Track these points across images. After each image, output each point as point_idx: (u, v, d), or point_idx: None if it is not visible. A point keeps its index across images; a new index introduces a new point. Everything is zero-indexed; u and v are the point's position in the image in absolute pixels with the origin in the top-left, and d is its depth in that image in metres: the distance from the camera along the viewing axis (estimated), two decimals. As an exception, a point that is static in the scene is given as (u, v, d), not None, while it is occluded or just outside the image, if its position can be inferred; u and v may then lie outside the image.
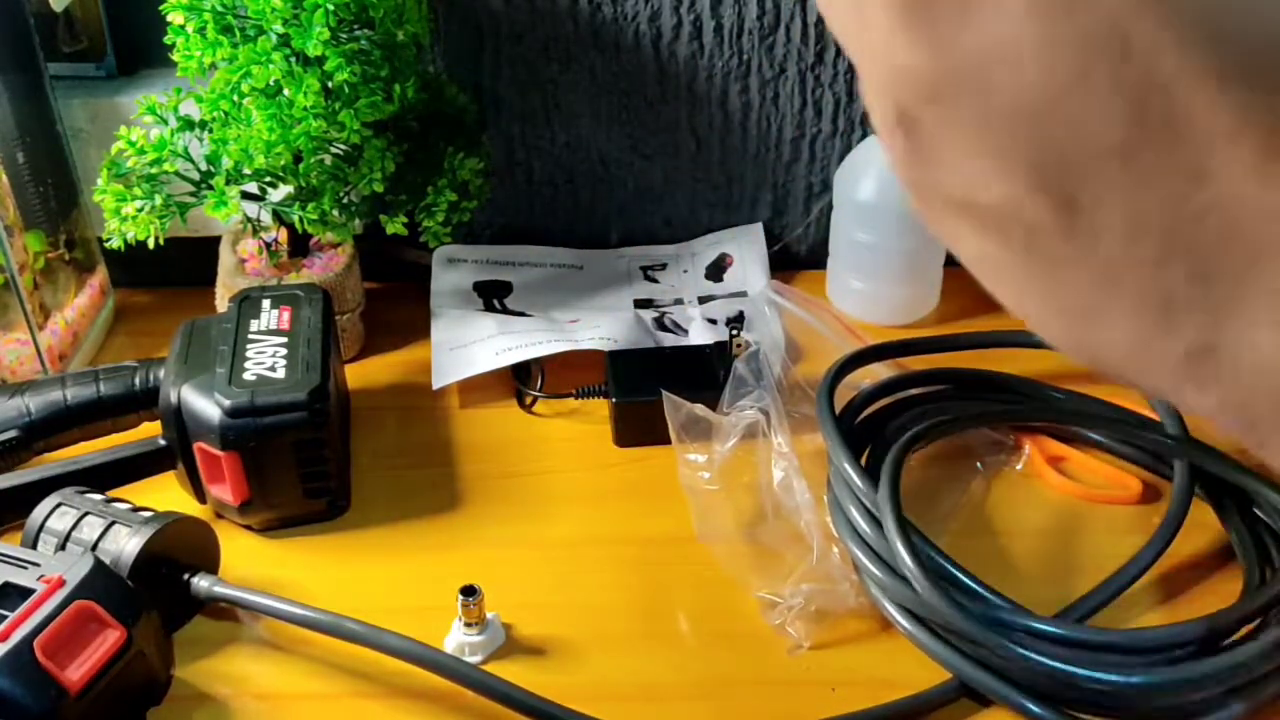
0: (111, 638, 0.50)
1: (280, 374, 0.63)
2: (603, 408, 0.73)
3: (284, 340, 0.65)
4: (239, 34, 0.68)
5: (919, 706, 0.53)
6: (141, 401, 0.66)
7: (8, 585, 0.51)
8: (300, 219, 0.72)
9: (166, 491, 0.65)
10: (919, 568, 0.54)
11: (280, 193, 0.73)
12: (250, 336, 0.66)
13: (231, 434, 0.60)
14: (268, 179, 0.73)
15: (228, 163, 0.70)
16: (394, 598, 0.60)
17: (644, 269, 0.88)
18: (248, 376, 0.62)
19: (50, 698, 0.47)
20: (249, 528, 0.64)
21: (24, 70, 0.74)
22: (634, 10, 0.81)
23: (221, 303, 0.77)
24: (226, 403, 0.60)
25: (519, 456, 0.71)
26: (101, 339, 0.82)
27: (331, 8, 0.67)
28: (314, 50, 0.67)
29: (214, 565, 0.60)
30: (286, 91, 0.68)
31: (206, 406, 0.61)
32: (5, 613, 0.49)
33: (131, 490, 0.64)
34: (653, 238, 0.90)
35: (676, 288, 0.86)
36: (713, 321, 0.81)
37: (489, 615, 0.57)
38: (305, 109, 0.68)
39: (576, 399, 0.74)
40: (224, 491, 0.62)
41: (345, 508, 0.66)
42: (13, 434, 0.64)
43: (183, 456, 0.63)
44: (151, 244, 0.71)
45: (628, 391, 0.70)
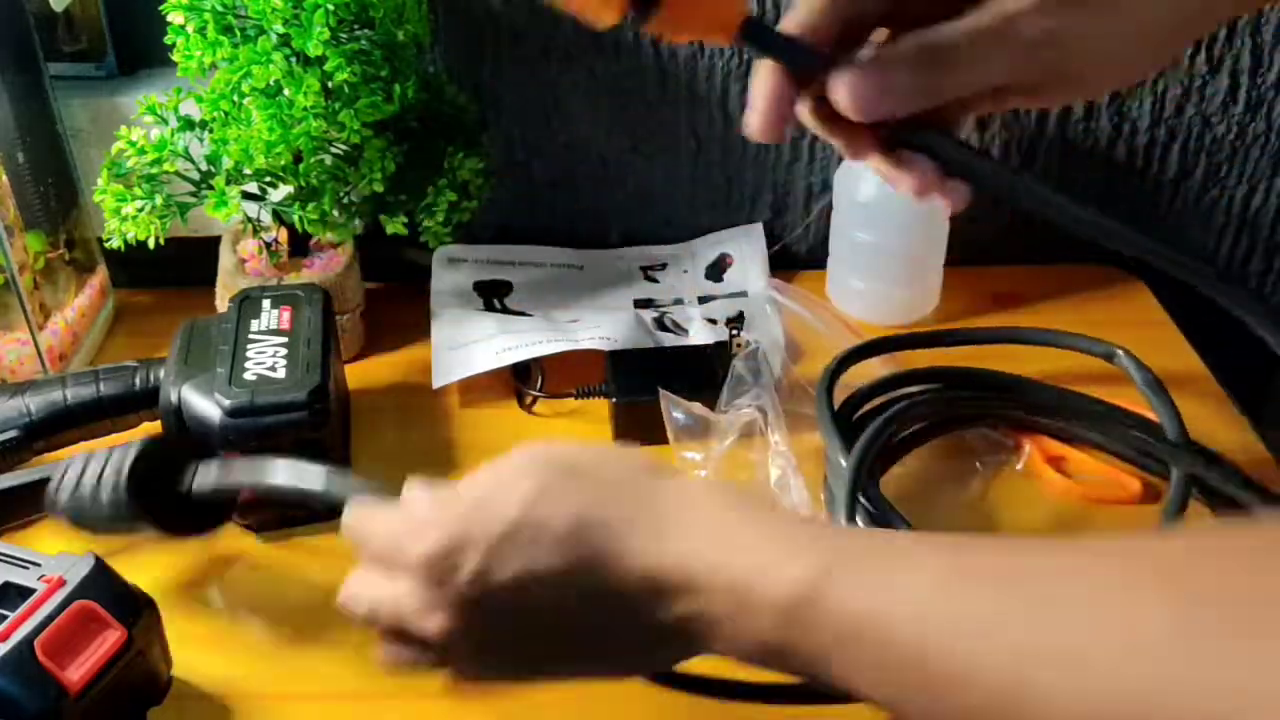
0: (112, 638, 0.50)
1: (280, 374, 0.63)
2: (603, 408, 0.73)
3: (284, 340, 0.66)
4: (239, 34, 0.68)
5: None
6: (141, 401, 0.66)
7: (8, 585, 0.51)
8: (300, 219, 0.72)
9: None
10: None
11: (280, 193, 0.73)
12: (250, 336, 0.66)
13: (232, 434, 0.60)
14: (268, 179, 0.73)
15: (228, 163, 0.70)
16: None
17: (644, 269, 0.88)
18: (248, 376, 0.62)
19: (50, 698, 0.47)
20: (249, 528, 0.64)
21: (24, 70, 0.74)
22: (634, 10, 0.81)
23: (221, 303, 0.77)
24: (227, 403, 0.60)
25: (519, 456, 0.71)
26: (101, 339, 0.82)
27: (331, 8, 0.67)
28: (314, 50, 0.67)
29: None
30: (287, 91, 0.68)
31: (207, 406, 0.61)
32: (6, 613, 0.49)
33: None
34: (653, 238, 0.90)
35: (676, 288, 0.86)
36: (713, 321, 0.81)
37: (489, 615, 0.57)
38: (305, 109, 0.68)
39: (576, 399, 0.74)
40: None
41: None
42: (13, 434, 0.64)
43: None
44: (151, 244, 0.71)
45: (628, 391, 0.70)
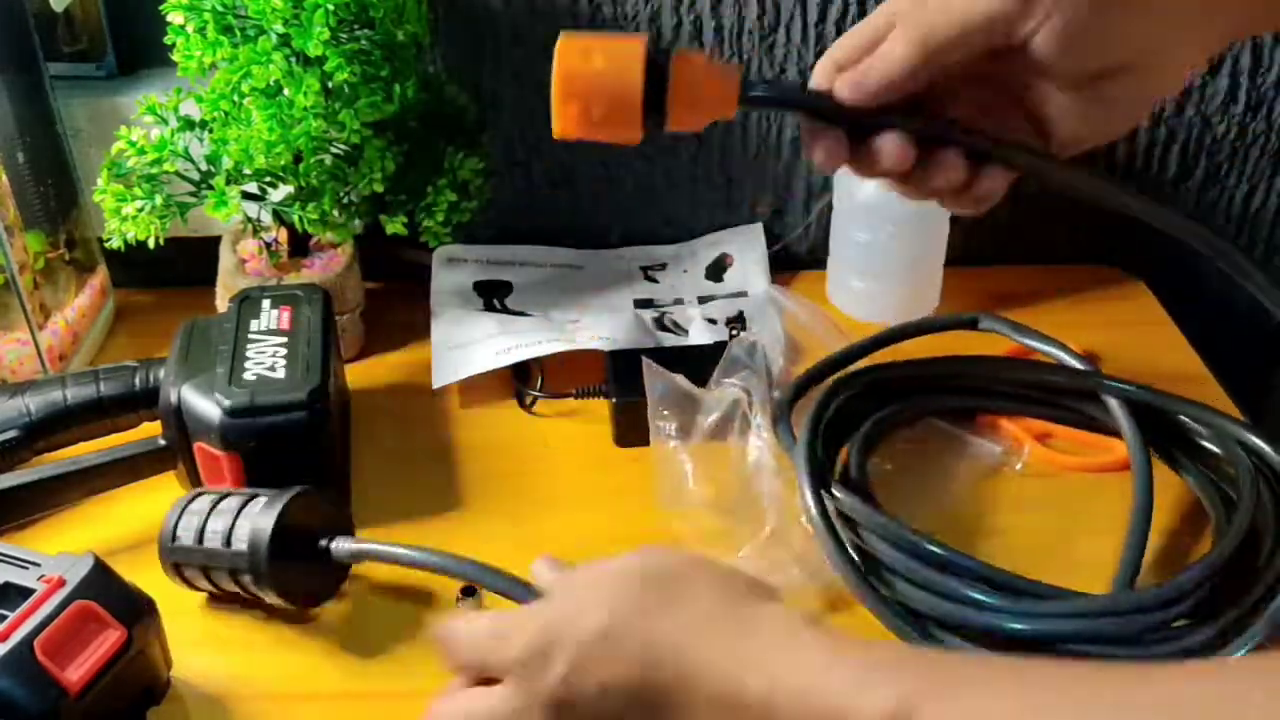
0: (111, 638, 0.50)
1: (280, 374, 0.63)
2: (603, 408, 0.73)
3: (284, 340, 0.66)
4: (239, 34, 0.68)
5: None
6: (141, 401, 0.66)
7: (8, 585, 0.51)
8: (300, 219, 0.72)
9: (166, 491, 0.64)
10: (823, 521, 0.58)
11: (280, 193, 0.73)
12: (250, 336, 0.66)
13: (231, 434, 0.60)
14: (268, 179, 0.73)
15: (228, 163, 0.70)
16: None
17: (644, 269, 0.88)
18: (248, 376, 0.62)
19: (50, 698, 0.47)
20: None
21: (24, 70, 0.74)
22: (634, 10, 0.81)
23: (222, 302, 0.77)
24: (226, 403, 0.60)
25: (519, 456, 0.71)
26: (101, 339, 0.82)
27: (331, 8, 0.67)
28: (314, 50, 0.67)
29: (348, 526, 0.60)
30: (286, 91, 0.68)
31: (207, 406, 0.61)
32: (5, 612, 0.49)
33: (131, 490, 0.65)
34: (653, 238, 0.90)
35: (676, 288, 0.86)
36: (713, 321, 0.81)
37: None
38: (305, 109, 0.68)
39: (576, 399, 0.74)
40: (225, 487, 0.62)
41: (345, 506, 0.66)
42: (13, 434, 0.64)
43: (183, 456, 0.63)
44: (151, 244, 0.71)
45: (628, 391, 0.70)
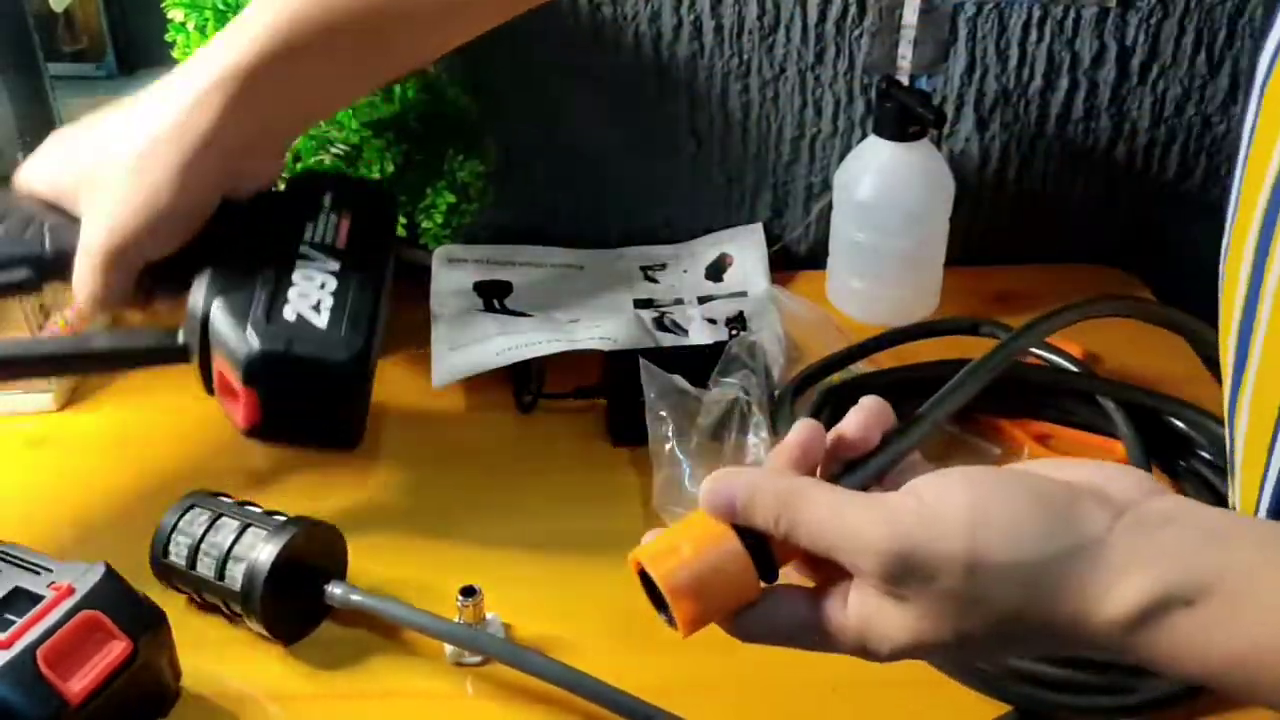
0: (117, 649, 0.49)
1: (323, 321, 0.57)
2: (602, 408, 0.73)
3: (335, 269, 0.59)
4: (239, 34, 0.68)
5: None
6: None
7: (17, 590, 0.50)
8: (300, 219, 0.72)
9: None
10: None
11: (280, 193, 0.73)
12: (301, 251, 0.59)
13: (257, 374, 0.56)
14: (268, 179, 0.73)
15: (228, 163, 0.70)
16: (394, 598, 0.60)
17: (644, 269, 0.88)
18: (287, 314, 0.56)
19: (50, 708, 0.47)
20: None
21: (24, 70, 0.74)
22: (634, 10, 0.81)
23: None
24: (257, 345, 0.55)
25: (519, 456, 0.71)
26: (101, 339, 0.81)
27: (331, 8, 0.66)
28: (314, 50, 0.67)
29: (343, 569, 0.59)
30: (286, 91, 0.68)
31: (235, 336, 0.56)
32: (13, 618, 0.49)
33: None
34: (653, 238, 0.90)
35: (676, 288, 0.86)
36: (713, 321, 0.81)
37: (489, 615, 0.57)
38: (305, 109, 0.68)
39: (576, 399, 0.74)
40: (234, 410, 0.58)
41: (358, 443, 0.62)
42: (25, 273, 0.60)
43: (201, 364, 0.59)
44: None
45: (627, 391, 0.70)
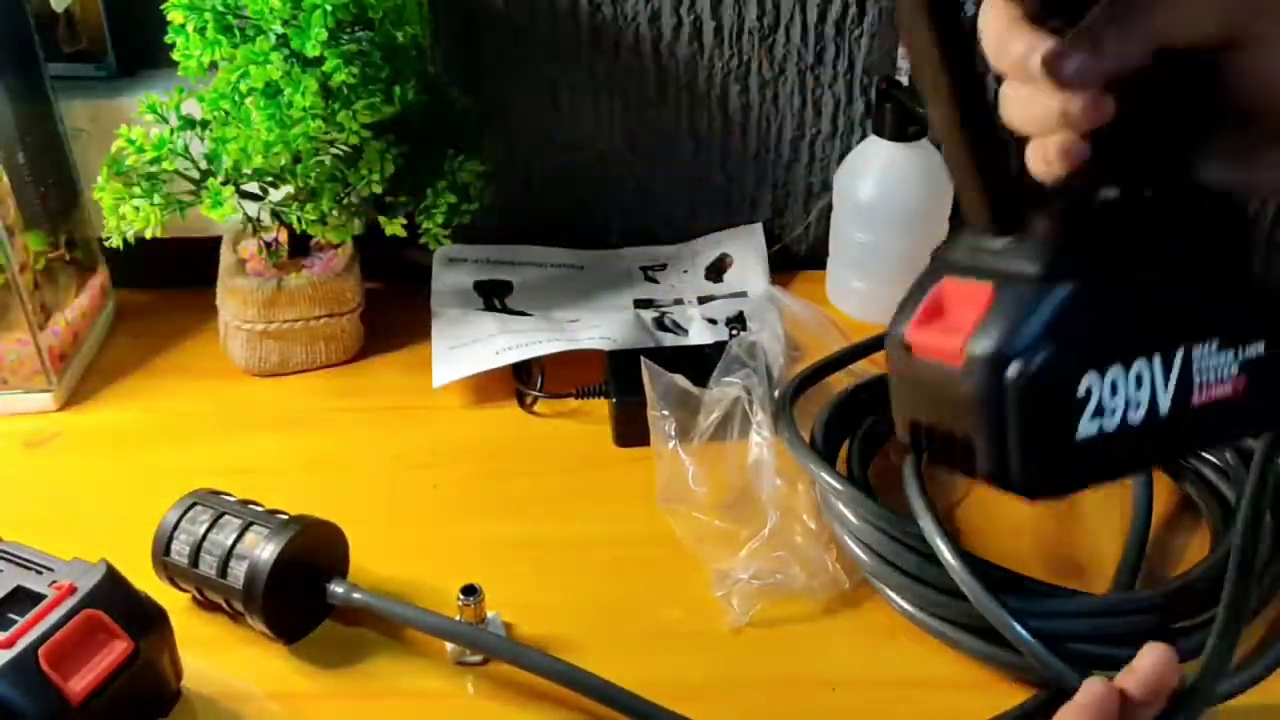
0: (118, 648, 0.49)
1: None
2: (603, 408, 0.73)
3: None
4: (239, 34, 0.68)
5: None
6: None
7: (19, 589, 0.50)
8: (299, 219, 0.72)
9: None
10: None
11: (280, 193, 0.73)
12: None
13: None
14: (268, 179, 0.73)
15: (227, 162, 0.70)
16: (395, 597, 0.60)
17: (644, 269, 0.88)
18: None
19: (51, 707, 0.47)
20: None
21: (24, 70, 0.74)
22: (634, 10, 0.81)
23: (222, 302, 0.77)
24: None
25: (519, 456, 0.71)
26: (102, 339, 0.82)
27: (330, 9, 0.67)
28: (312, 51, 0.67)
29: (344, 568, 0.60)
30: (286, 92, 0.68)
31: None
32: (15, 617, 0.49)
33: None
34: (653, 238, 0.90)
35: (676, 288, 0.86)
36: (713, 321, 0.81)
37: (489, 615, 0.57)
38: (304, 109, 0.68)
39: (576, 399, 0.74)
40: None
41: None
42: None
43: None
44: (150, 234, 0.71)
45: (628, 391, 0.70)
